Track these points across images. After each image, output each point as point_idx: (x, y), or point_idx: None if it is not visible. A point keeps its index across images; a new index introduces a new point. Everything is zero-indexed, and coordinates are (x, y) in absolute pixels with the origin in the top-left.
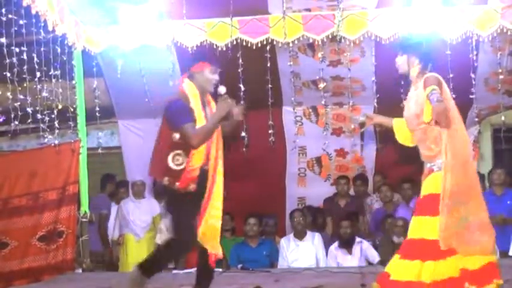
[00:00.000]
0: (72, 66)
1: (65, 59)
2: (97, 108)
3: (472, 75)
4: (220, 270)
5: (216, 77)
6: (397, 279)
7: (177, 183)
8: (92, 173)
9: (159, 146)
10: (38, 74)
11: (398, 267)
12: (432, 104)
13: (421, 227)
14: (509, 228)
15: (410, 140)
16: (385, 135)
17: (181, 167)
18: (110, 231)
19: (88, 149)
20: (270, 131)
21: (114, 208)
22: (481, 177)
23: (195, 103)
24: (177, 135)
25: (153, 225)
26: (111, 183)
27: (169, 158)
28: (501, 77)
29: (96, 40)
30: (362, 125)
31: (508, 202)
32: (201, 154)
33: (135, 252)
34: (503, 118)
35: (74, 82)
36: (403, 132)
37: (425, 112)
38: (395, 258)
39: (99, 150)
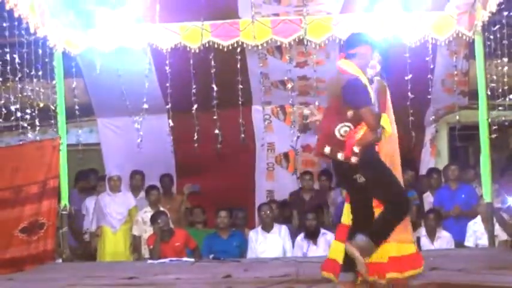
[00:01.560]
0: (53, 66)
1: (46, 60)
2: (76, 107)
3: (430, 77)
4: (193, 260)
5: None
6: (332, 258)
7: (340, 154)
8: (71, 169)
9: (327, 122)
10: (20, 74)
11: (334, 248)
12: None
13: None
14: (464, 220)
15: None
16: None
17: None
18: (87, 223)
19: (68, 145)
20: (240, 129)
21: (90, 200)
22: (438, 173)
23: (365, 81)
24: (350, 113)
25: (129, 217)
26: (85, 179)
27: (337, 128)
28: (456, 78)
29: (75, 42)
30: (306, 117)
31: (463, 196)
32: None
33: (112, 243)
34: (458, 117)
35: (54, 82)
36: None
37: None
38: (333, 241)
39: (79, 147)
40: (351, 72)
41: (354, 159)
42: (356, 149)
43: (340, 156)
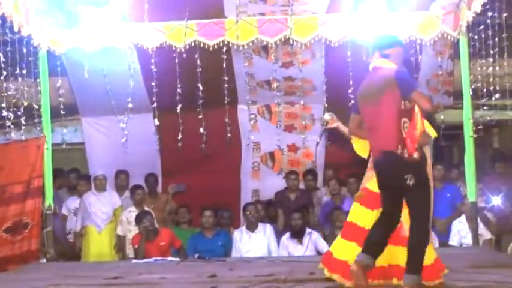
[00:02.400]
0: (37, 65)
1: (30, 59)
2: (61, 106)
3: (415, 77)
4: (178, 259)
5: None
6: (337, 258)
7: (406, 151)
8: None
9: (383, 118)
10: (4, 73)
11: (339, 246)
12: None
13: (360, 215)
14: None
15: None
16: (333, 134)
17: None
18: (70, 224)
19: (52, 144)
20: (226, 128)
21: (71, 200)
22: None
23: None
24: (406, 103)
25: (114, 217)
26: (62, 177)
27: (401, 124)
28: (441, 78)
29: (60, 41)
30: (326, 123)
31: (448, 195)
32: (418, 119)
33: (97, 243)
34: (442, 117)
35: (38, 81)
36: (360, 144)
37: None
38: (338, 237)
39: (64, 146)
40: (391, 67)
41: (416, 155)
42: (417, 146)
43: (406, 153)
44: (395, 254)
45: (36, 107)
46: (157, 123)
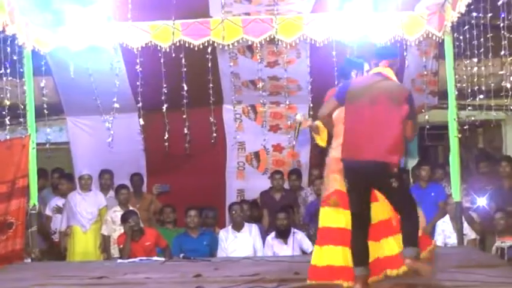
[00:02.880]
0: (22, 65)
1: (15, 58)
2: (45, 106)
3: (400, 76)
4: (163, 259)
5: None
6: (320, 265)
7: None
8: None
9: (390, 129)
10: None
11: (318, 255)
12: None
13: (330, 217)
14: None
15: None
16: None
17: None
18: (55, 223)
19: (37, 144)
20: (211, 128)
21: (55, 200)
22: (406, 172)
23: None
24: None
25: (99, 217)
26: (43, 178)
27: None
28: (426, 78)
29: (45, 40)
30: (299, 124)
31: (432, 194)
32: None
33: (82, 243)
34: (426, 117)
35: (23, 80)
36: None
37: None
38: (315, 247)
39: (47, 146)
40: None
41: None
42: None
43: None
44: (381, 247)
45: (21, 106)
46: (142, 122)
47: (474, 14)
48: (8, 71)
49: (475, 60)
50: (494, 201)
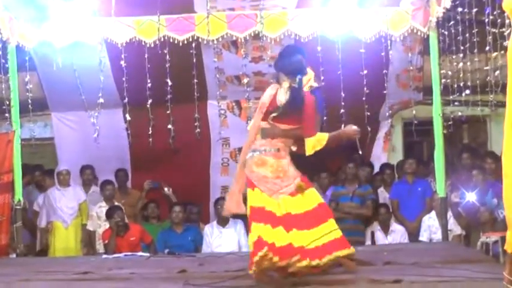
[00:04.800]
0: (7, 60)
1: None
2: (29, 101)
3: (385, 72)
4: (148, 254)
5: None
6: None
7: None
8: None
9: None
10: None
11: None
12: None
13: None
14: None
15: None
16: None
17: None
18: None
19: (22, 139)
20: (195, 124)
21: (41, 197)
22: (391, 168)
23: None
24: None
25: (79, 212)
26: (28, 174)
27: None
28: (411, 74)
29: (29, 36)
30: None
31: (419, 189)
32: None
33: (63, 238)
34: (414, 112)
35: (8, 76)
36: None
37: None
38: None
39: (33, 141)
40: None
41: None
42: None
43: None
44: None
45: (7, 102)
46: (129, 118)
47: (459, 9)
48: None
49: (461, 55)
50: (480, 195)
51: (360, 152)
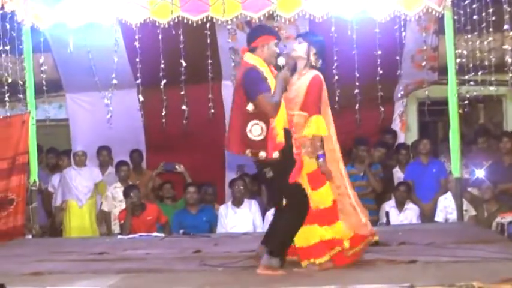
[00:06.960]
0: (21, 41)
1: (14, 34)
2: (44, 82)
3: (400, 52)
4: (163, 235)
5: (277, 49)
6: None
7: (262, 154)
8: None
9: (234, 120)
10: None
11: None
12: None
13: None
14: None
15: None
16: None
17: (262, 136)
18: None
19: (37, 121)
20: (209, 104)
21: (56, 178)
22: (406, 148)
23: (266, 73)
24: (250, 107)
25: (95, 192)
26: (48, 155)
27: (248, 128)
28: (426, 54)
29: (43, 17)
30: (282, 67)
31: (434, 170)
32: (281, 120)
33: (78, 217)
34: (427, 92)
35: (23, 57)
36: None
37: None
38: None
39: (47, 122)
40: (252, 64)
41: (275, 155)
42: (276, 154)
43: (262, 155)
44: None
45: (21, 83)
46: (142, 99)
47: None
48: (8, 48)
49: (476, 35)
50: (492, 174)
51: None
